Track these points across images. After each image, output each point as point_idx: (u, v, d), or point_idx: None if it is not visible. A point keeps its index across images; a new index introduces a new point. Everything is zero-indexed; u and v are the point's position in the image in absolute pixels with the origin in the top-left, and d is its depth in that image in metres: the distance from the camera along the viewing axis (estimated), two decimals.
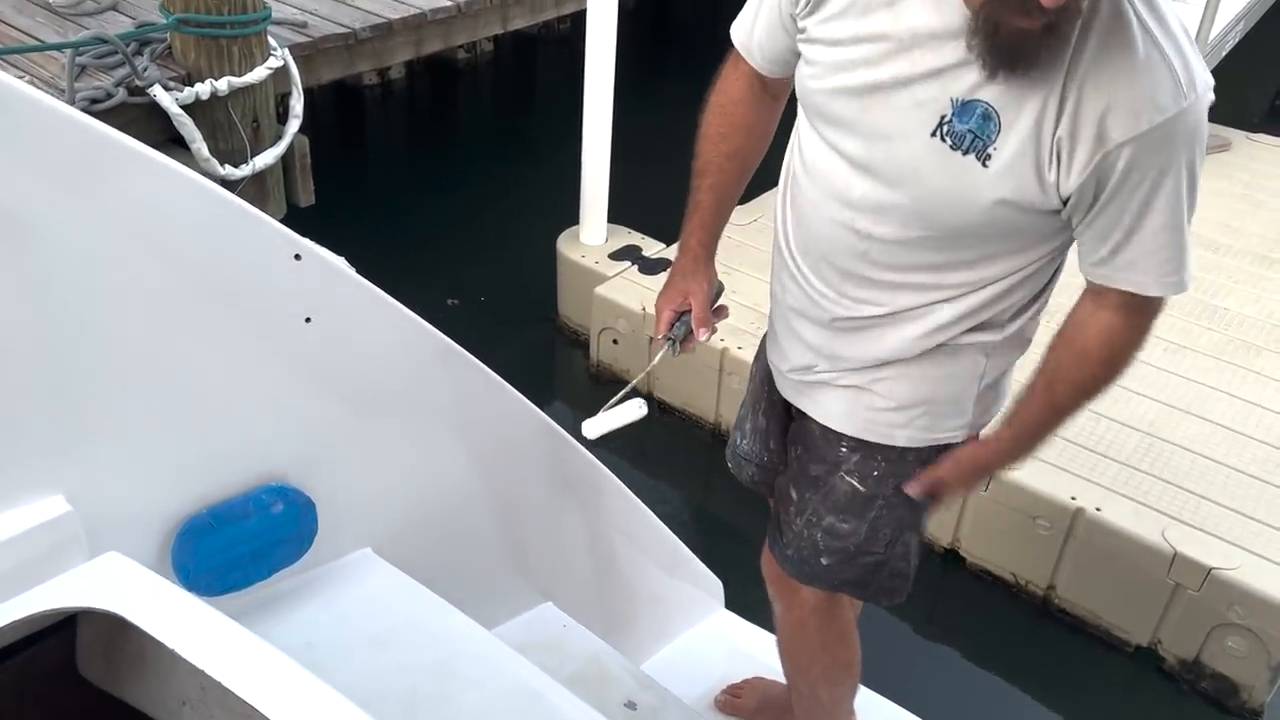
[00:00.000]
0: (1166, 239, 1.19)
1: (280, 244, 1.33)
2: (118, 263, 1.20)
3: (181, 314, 1.27)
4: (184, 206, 1.23)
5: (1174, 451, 2.66)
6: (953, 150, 1.15)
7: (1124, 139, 1.09)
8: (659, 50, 5.98)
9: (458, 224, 4.20)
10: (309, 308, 1.37)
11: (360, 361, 1.48)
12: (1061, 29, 1.06)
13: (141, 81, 2.72)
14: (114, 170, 1.17)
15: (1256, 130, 4.64)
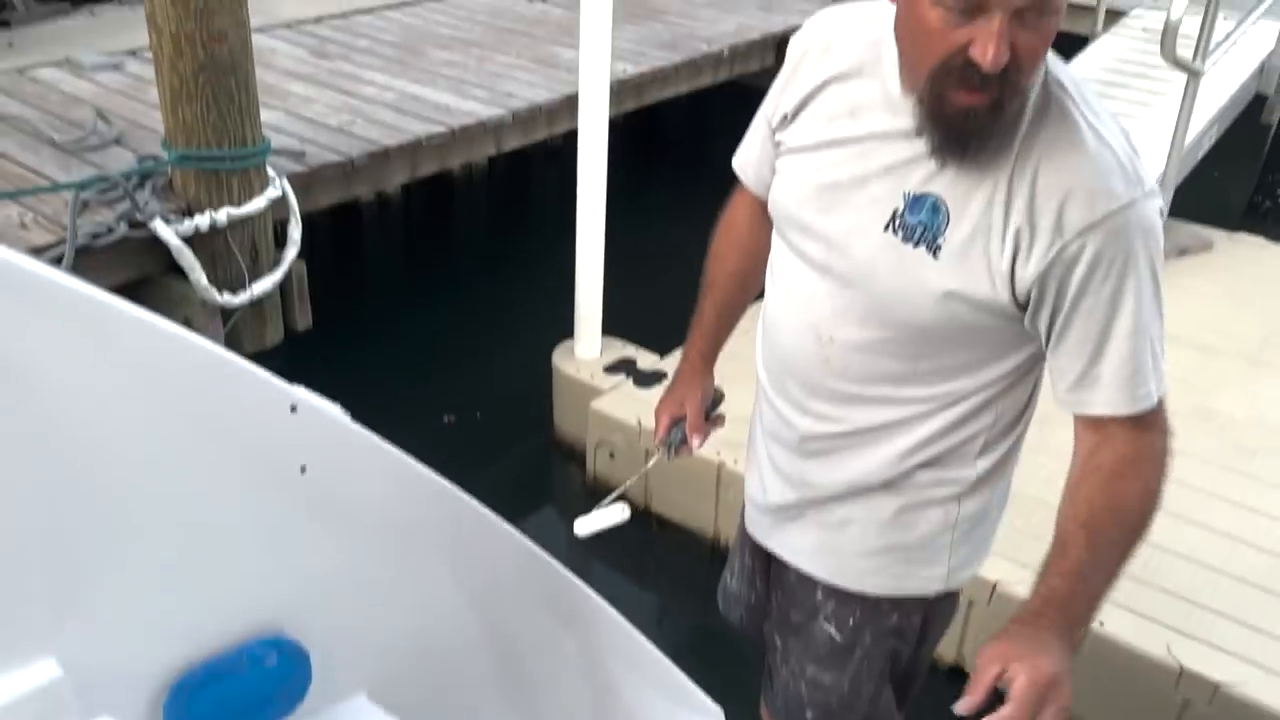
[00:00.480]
0: (1140, 345, 1.17)
1: (276, 396, 1.35)
2: (114, 421, 1.21)
3: (177, 469, 1.28)
4: (181, 365, 1.26)
5: (1175, 561, 2.64)
6: (904, 243, 1.19)
7: (1082, 226, 1.11)
8: (650, 163, 6.12)
9: (454, 338, 4.25)
10: (304, 458, 1.39)
11: (354, 508, 1.49)
12: (1006, 109, 1.09)
13: (143, 216, 2.78)
14: (113, 333, 1.19)
15: (1237, 229, 4.75)
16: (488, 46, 4.77)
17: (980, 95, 1.07)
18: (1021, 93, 1.10)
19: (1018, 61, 1.05)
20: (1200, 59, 4.14)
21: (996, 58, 1.03)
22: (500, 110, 3.96)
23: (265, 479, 1.36)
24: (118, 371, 1.19)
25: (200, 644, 1.36)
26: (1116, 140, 1.15)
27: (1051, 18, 1.07)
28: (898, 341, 1.24)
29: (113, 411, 1.20)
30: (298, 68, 4.32)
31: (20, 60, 4.14)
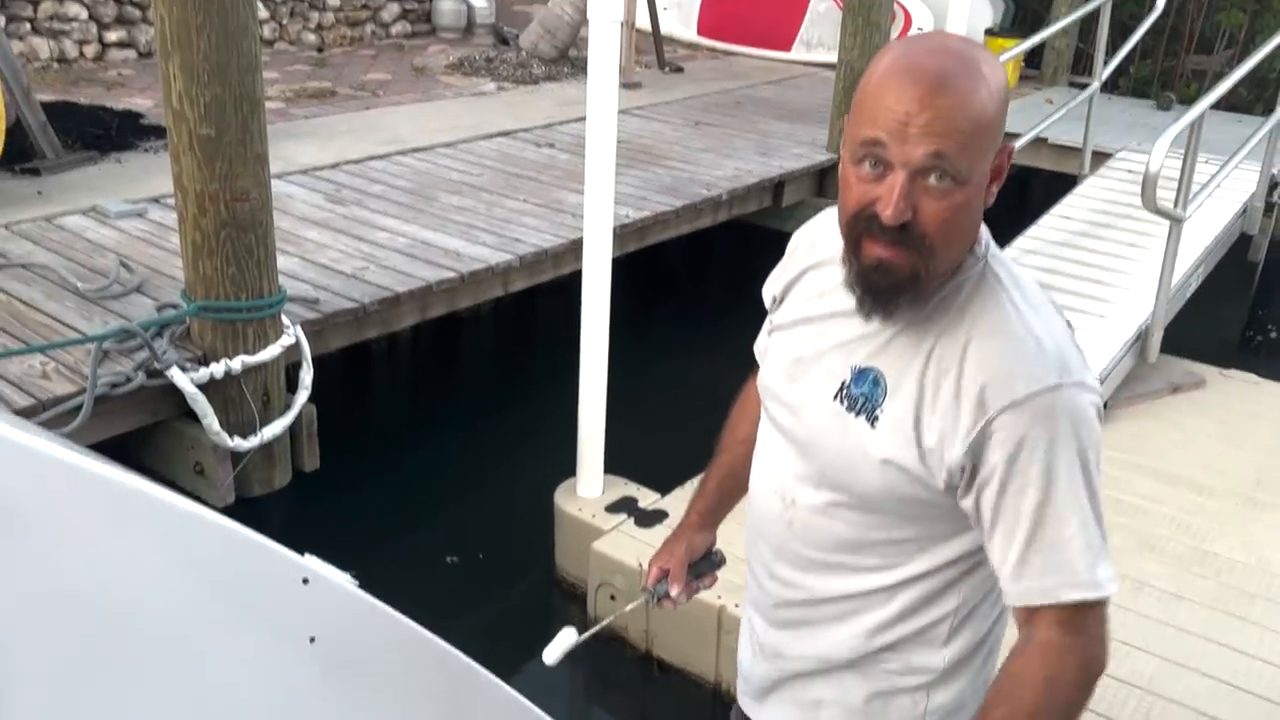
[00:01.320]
0: (1071, 532, 1.16)
1: (289, 569, 1.40)
2: (136, 595, 1.27)
3: (193, 639, 1.33)
4: (199, 541, 1.32)
5: (1176, 711, 2.63)
6: (848, 412, 1.26)
7: (1003, 405, 1.14)
8: (652, 298, 6.28)
9: (459, 477, 4.30)
10: (313, 628, 1.43)
11: (361, 676, 1.53)
12: (921, 273, 1.16)
13: (160, 365, 2.88)
14: (137, 514, 1.26)
15: (1231, 365, 4.84)
16: (496, 191, 4.97)
17: (891, 249, 1.14)
18: (936, 259, 1.15)
19: (923, 224, 1.12)
20: (1181, 206, 4.31)
21: (893, 211, 1.11)
22: (508, 255, 4.11)
23: (277, 649, 1.41)
24: (141, 549, 1.25)
25: None
26: (1045, 330, 1.18)
27: (958, 190, 1.12)
28: (848, 506, 1.29)
29: (134, 586, 1.26)
30: (314, 214, 4.51)
31: (49, 208, 4.33)
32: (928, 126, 1.10)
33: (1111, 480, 3.74)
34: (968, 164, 1.12)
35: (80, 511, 1.20)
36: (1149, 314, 4.47)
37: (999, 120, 1.15)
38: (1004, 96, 1.16)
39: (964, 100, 1.11)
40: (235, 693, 1.39)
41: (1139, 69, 8.56)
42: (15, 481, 1.15)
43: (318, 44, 8.77)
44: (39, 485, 1.16)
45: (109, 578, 1.24)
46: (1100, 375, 4.09)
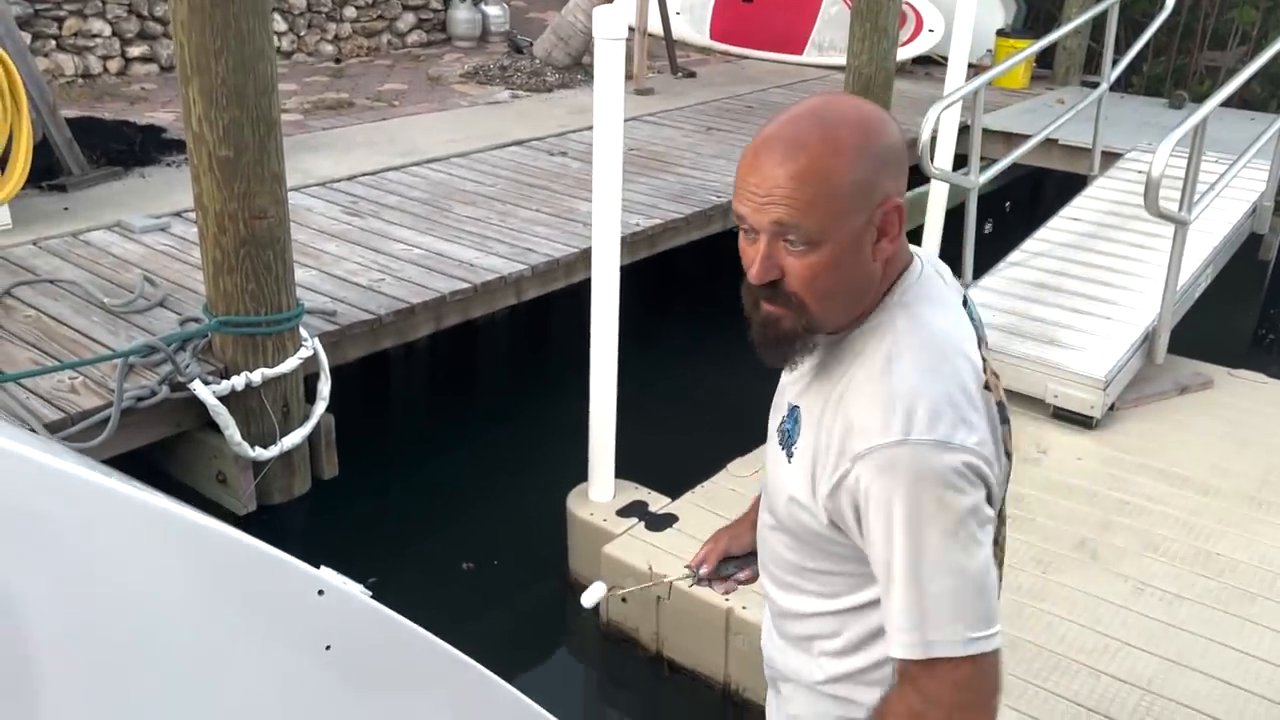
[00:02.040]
0: (898, 590, 1.18)
1: (305, 582, 1.49)
2: (162, 608, 1.36)
3: (215, 648, 1.42)
4: (222, 557, 1.41)
5: (1176, 710, 2.68)
6: (779, 448, 1.36)
7: (854, 454, 1.19)
8: (663, 304, 6.35)
9: (475, 482, 4.39)
10: (329, 637, 1.52)
11: (373, 682, 1.61)
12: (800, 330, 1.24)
13: (184, 378, 2.98)
14: (163, 531, 1.35)
15: (1242, 364, 4.86)
16: (509, 201, 5.06)
17: (770, 306, 1.23)
18: (811, 313, 1.22)
19: (789, 283, 1.21)
20: (1186, 209, 4.34)
21: (754, 273, 1.21)
22: (520, 265, 4.20)
23: (294, 657, 1.50)
24: (165, 565, 1.35)
25: None
26: (908, 384, 1.18)
27: (814, 251, 1.18)
28: (782, 531, 1.38)
29: (159, 600, 1.35)
30: (331, 226, 4.61)
31: (75, 224, 4.45)
32: (769, 195, 1.18)
33: (1116, 481, 3.79)
34: (818, 226, 1.17)
35: (109, 531, 1.29)
36: (1156, 315, 4.51)
37: (858, 181, 1.18)
38: (870, 157, 1.18)
39: (804, 167, 1.17)
40: (255, 698, 1.48)
41: (1152, 67, 8.56)
42: (48, 502, 1.25)
43: (335, 55, 8.90)
44: (71, 506, 1.26)
45: (136, 592, 1.33)
46: (1107, 376, 4.13)
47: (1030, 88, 8.27)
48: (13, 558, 1.22)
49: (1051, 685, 2.77)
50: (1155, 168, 3.92)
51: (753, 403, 1.50)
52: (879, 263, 1.24)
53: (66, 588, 1.26)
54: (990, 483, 1.22)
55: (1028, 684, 2.77)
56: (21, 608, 1.24)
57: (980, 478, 1.19)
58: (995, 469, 1.23)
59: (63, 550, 1.25)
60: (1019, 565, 3.28)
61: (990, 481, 1.21)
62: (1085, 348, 4.35)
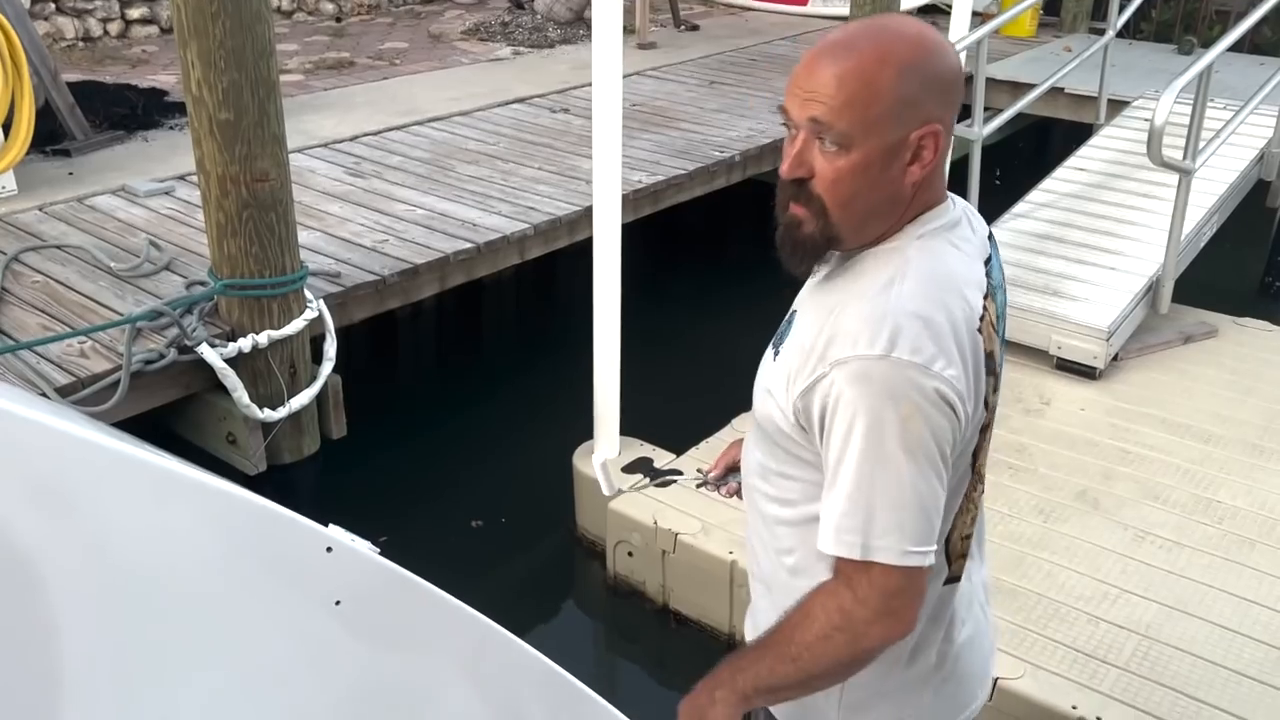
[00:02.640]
0: (847, 492, 1.22)
1: (314, 540, 1.53)
2: (173, 567, 1.40)
3: (228, 606, 1.46)
4: (230, 516, 1.45)
5: (1173, 655, 2.73)
6: (771, 346, 1.40)
7: (833, 359, 1.22)
8: (669, 259, 6.35)
9: (482, 439, 4.43)
10: (339, 593, 1.56)
11: (384, 635, 1.65)
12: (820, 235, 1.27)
13: (190, 341, 3.02)
14: (172, 492, 1.39)
15: (1249, 311, 4.85)
16: (512, 160, 5.05)
17: (796, 207, 1.26)
18: (832, 218, 1.24)
19: (816, 184, 1.24)
20: (1190, 157, 4.31)
21: (785, 166, 1.24)
22: (523, 224, 4.20)
23: (305, 612, 1.54)
24: (176, 525, 1.38)
25: None
26: (905, 309, 1.21)
27: (844, 155, 1.21)
28: (756, 427, 1.42)
29: (170, 559, 1.39)
30: (334, 187, 4.61)
31: (80, 189, 4.47)
32: (811, 92, 1.21)
33: (1118, 431, 3.82)
34: (851, 129, 1.20)
35: (121, 493, 1.33)
36: (1161, 265, 4.50)
37: (901, 95, 1.19)
38: (918, 76, 1.20)
39: (850, 69, 1.19)
40: (267, 652, 1.52)
41: (1161, 12, 8.43)
42: (61, 465, 1.28)
43: (335, 13, 8.83)
44: (83, 470, 1.29)
45: (149, 553, 1.37)
46: (1110, 327, 4.13)
47: (1037, 36, 8.17)
48: (30, 523, 1.26)
49: (1050, 632, 2.81)
50: (1158, 116, 3.90)
51: (757, 358, 1.52)
52: (908, 186, 1.26)
53: (82, 551, 1.30)
54: (959, 416, 1.23)
55: (1027, 631, 2.81)
56: (41, 571, 1.28)
57: (950, 407, 1.22)
58: (966, 407, 1.24)
59: (77, 514, 1.28)
60: (1020, 515, 3.32)
61: (959, 415, 1.23)
62: (1089, 298, 4.35)
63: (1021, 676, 2.64)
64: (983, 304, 1.30)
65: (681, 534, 3.28)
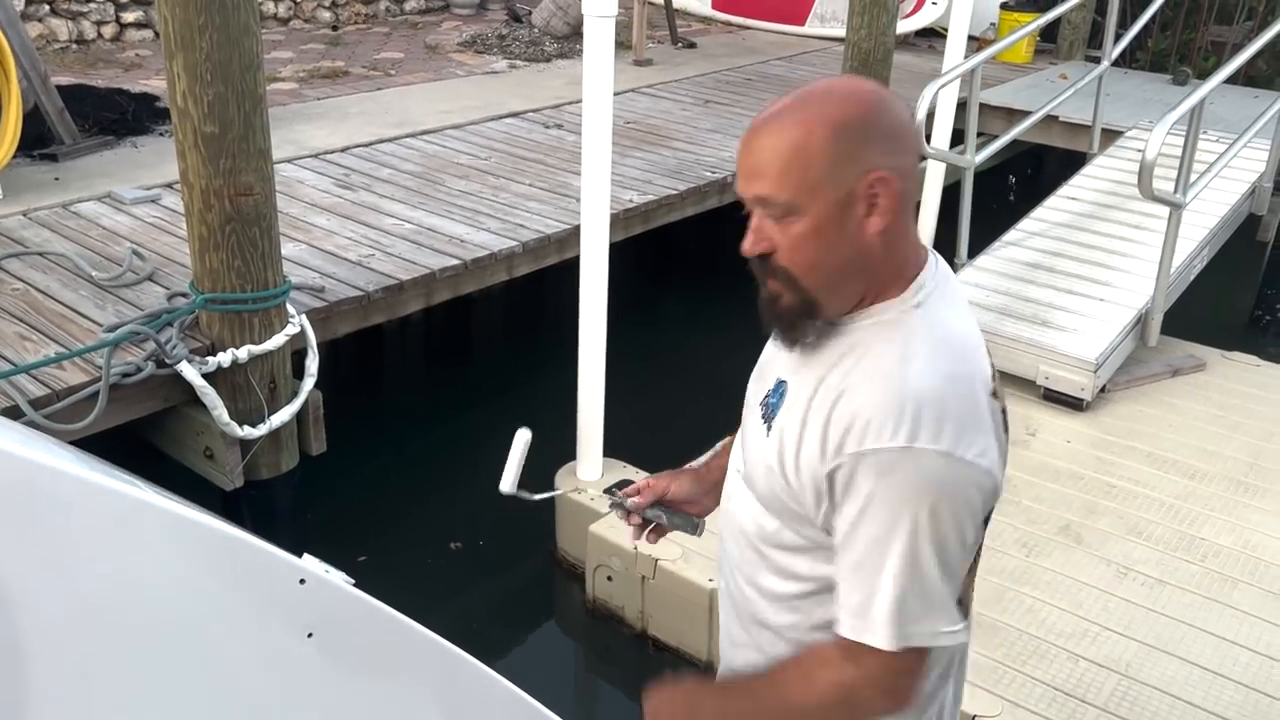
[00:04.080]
0: (863, 577, 1.22)
1: (286, 571, 1.50)
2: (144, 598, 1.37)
3: (197, 640, 1.43)
4: (203, 547, 1.42)
5: (1152, 695, 2.70)
6: (761, 420, 1.38)
7: (853, 451, 1.19)
8: (659, 278, 6.34)
9: (464, 458, 4.38)
10: (310, 625, 1.53)
11: (356, 667, 1.62)
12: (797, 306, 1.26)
13: (170, 360, 2.98)
14: (144, 522, 1.36)
15: (1238, 345, 4.85)
16: (503, 175, 5.03)
17: (768, 282, 1.28)
18: (801, 286, 1.24)
19: (777, 257, 1.24)
20: (1181, 191, 4.31)
21: (745, 245, 1.26)
22: (512, 241, 4.18)
23: (277, 644, 1.51)
24: (145, 555, 1.35)
25: None
26: (923, 389, 1.18)
27: (794, 221, 1.21)
28: (756, 497, 1.39)
29: (139, 591, 1.36)
30: (322, 199, 4.59)
31: (66, 195, 4.43)
32: (752, 169, 1.23)
33: (1103, 464, 3.80)
34: (792, 197, 1.20)
35: (90, 522, 1.30)
36: (1150, 297, 4.49)
37: (837, 152, 1.19)
38: (854, 130, 1.19)
39: (782, 139, 1.21)
40: (238, 685, 1.49)
41: (1157, 42, 8.47)
42: (30, 494, 1.25)
43: (332, 22, 8.82)
44: (51, 497, 1.26)
45: (118, 582, 1.34)
46: (1098, 359, 4.12)
47: (1034, 62, 8.20)
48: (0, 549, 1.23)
49: (1030, 670, 2.78)
50: (1149, 151, 3.90)
51: (744, 381, 1.49)
52: (873, 238, 1.22)
53: (50, 581, 1.27)
54: (989, 490, 1.23)
55: (1006, 668, 2.78)
56: (8, 599, 1.25)
57: (978, 489, 1.21)
58: (997, 477, 1.23)
59: (45, 543, 1.25)
60: (1002, 548, 3.30)
61: (989, 489, 1.23)
62: (1078, 329, 4.34)
63: (999, 715, 2.61)
64: (989, 361, 1.29)
65: (662, 560, 3.25)
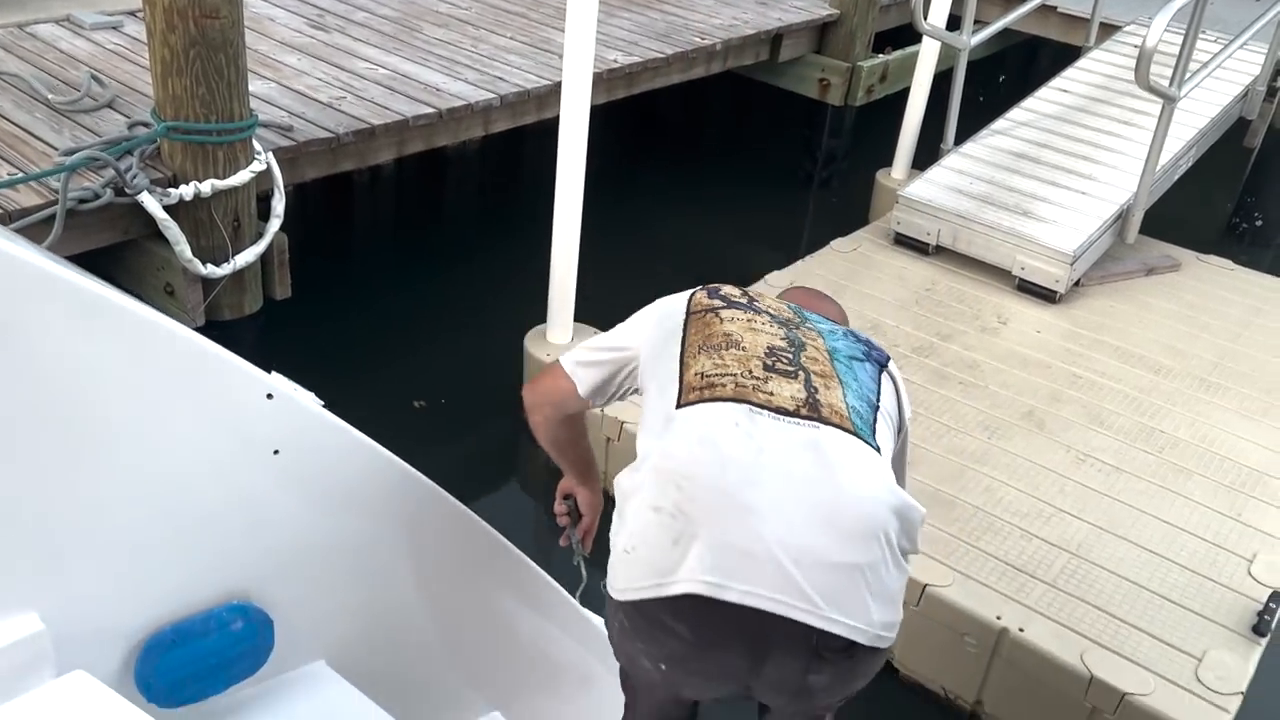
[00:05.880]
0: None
1: (254, 385, 1.46)
2: (102, 399, 1.32)
3: (158, 445, 1.40)
4: (166, 352, 1.37)
5: (1100, 574, 2.78)
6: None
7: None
8: (642, 146, 6.19)
9: (433, 315, 4.34)
10: (277, 441, 1.50)
11: (322, 489, 1.60)
12: None
13: (130, 190, 2.86)
14: (105, 320, 1.30)
15: (1214, 250, 4.86)
16: (483, 27, 4.82)
17: None
18: None
19: None
20: (1176, 85, 4.24)
21: None
22: (489, 94, 4.03)
23: (240, 459, 1.48)
24: (108, 354, 1.30)
25: (172, 607, 1.48)
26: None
27: None
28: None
29: (101, 390, 1.31)
30: (293, 39, 4.37)
31: (21, 15, 4.18)
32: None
33: (1071, 355, 3.83)
34: None
35: (53, 313, 1.24)
36: (1133, 193, 4.47)
37: None
38: None
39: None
40: (199, 495, 1.46)
41: None
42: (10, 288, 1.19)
43: None
44: (11, 290, 1.19)
45: (81, 381, 1.29)
46: (1075, 252, 4.12)
47: None
48: None
49: (983, 545, 2.84)
50: (1150, 38, 3.80)
51: (718, 252, 1.45)
52: None
53: (9, 374, 1.21)
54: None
55: (959, 541, 2.84)
56: None
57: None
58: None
59: (6, 334, 1.19)
60: (966, 430, 3.33)
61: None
62: (1057, 221, 4.32)
63: (950, 585, 2.68)
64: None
65: (627, 422, 3.25)
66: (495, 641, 2.00)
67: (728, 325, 1.58)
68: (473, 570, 1.89)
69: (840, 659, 1.43)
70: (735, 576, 1.38)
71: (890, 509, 1.44)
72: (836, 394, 1.51)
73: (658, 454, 1.47)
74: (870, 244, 4.52)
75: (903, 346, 3.78)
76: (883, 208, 4.96)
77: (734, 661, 1.44)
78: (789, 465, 1.42)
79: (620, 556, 1.47)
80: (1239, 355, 3.96)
